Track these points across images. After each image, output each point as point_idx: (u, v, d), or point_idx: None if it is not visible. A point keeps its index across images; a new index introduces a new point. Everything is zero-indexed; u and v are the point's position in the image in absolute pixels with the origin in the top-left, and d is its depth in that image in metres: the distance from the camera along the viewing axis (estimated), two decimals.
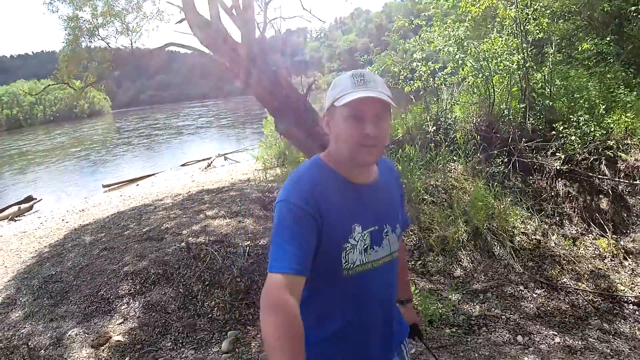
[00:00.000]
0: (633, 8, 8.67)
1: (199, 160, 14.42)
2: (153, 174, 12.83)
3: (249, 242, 4.74)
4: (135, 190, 9.58)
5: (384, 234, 1.58)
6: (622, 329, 4.26)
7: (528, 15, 6.75)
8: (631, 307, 4.50)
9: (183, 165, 14.30)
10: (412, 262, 4.50)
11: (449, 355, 3.42)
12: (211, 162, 13.27)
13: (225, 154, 14.78)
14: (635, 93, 7.17)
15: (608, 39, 8.80)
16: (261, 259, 4.47)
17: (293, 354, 1.18)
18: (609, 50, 8.78)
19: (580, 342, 3.87)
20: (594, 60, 8.75)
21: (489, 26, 8.05)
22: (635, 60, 9.90)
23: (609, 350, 3.82)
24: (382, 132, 1.43)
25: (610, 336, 4.11)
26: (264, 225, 5.22)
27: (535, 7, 7.08)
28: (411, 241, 4.64)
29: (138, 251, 4.72)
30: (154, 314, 3.79)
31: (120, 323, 3.69)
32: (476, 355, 3.44)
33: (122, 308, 3.87)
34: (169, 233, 5.17)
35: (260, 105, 5.81)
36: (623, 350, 3.87)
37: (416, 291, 4.05)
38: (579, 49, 9.24)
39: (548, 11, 7.85)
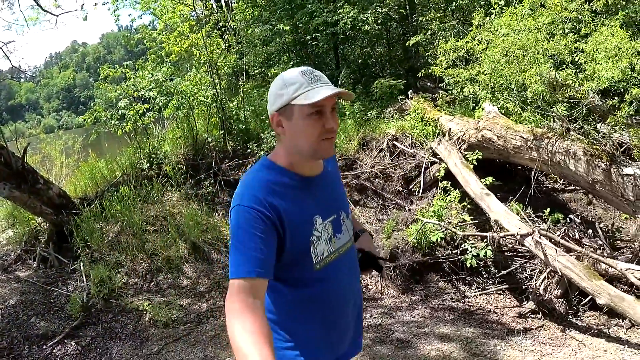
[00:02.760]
0: (309, 37, 10.74)
1: None
2: None
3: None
4: None
5: (341, 220, 1.67)
6: None
7: (219, 54, 7.97)
8: None
9: None
10: (147, 285, 5.23)
11: (183, 344, 4.32)
12: None
13: None
14: None
15: (291, 63, 10.73)
16: (14, 318, 4.82)
17: (263, 358, 1.18)
18: None
19: None
20: None
21: (187, 66, 9.13)
22: None
23: None
24: (337, 124, 1.52)
25: None
26: (8, 287, 5.35)
27: (222, 47, 8.37)
28: (142, 268, 5.36)
29: None
30: None
31: None
32: (204, 337, 4.44)
33: None
34: None
35: None
36: None
37: (150, 306, 4.83)
38: (269, 74, 11.05)
39: (235, 49, 9.31)
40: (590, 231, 5.58)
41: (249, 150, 7.13)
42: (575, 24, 5.70)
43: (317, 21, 10.23)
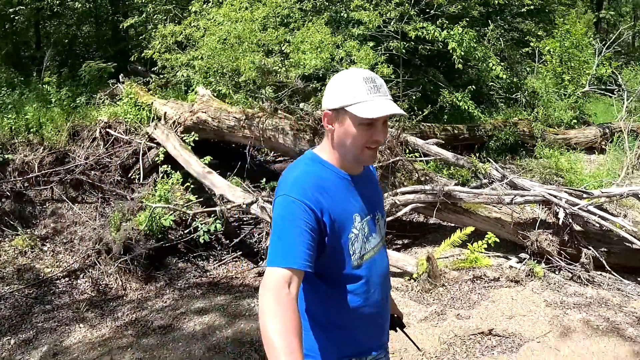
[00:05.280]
0: (11, 10, 9.24)
1: None
2: None
3: None
4: None
5: (376, 220, 1.68)
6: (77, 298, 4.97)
7: None
8: (63, 281, 5.19)
9: None
10: None
11: None
12: None
13: None
14: (17, 92, 7.71)
15: None
16: None
17: (291, 350, 1.20)
18: None
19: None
20: None
21: None
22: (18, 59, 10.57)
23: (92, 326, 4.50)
24: (386, 136, 1.58)
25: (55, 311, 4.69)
26: None
27: None
28: None
29: None
30: None
31: None
32: None
33: None
34: None
35: None
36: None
37: None
38: None
39: None
40: None
41: None
42: (286, 18, 6.49)
43: None
